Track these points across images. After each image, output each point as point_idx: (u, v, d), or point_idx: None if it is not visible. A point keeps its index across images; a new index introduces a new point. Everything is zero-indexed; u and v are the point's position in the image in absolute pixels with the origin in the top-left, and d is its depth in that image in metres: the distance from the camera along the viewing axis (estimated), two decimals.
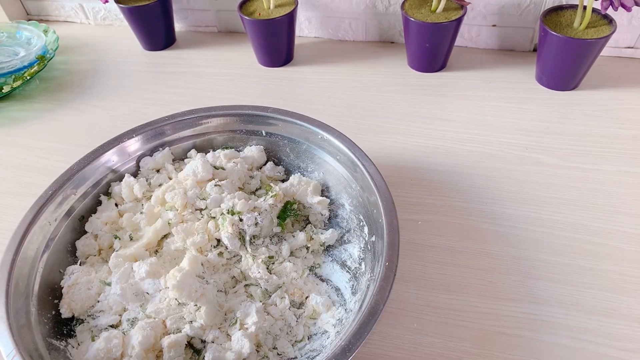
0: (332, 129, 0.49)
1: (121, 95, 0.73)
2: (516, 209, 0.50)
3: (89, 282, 0.44)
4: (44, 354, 0.37)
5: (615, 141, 0.55)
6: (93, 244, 0.47)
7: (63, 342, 0.41)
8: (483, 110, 0.62)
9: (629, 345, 0.39)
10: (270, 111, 0.52)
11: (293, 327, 0.42)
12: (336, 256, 0.47)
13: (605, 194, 0.50)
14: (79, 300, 0.42)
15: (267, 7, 0.70)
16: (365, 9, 0.73)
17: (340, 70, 0.72)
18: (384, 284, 0.36)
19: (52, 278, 0.44)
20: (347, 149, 0.47)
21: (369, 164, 0.45)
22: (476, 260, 0.46)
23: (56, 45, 0.79)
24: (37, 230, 0.44)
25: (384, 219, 0.40)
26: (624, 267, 0.44)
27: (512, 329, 0.41)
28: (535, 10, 0.66)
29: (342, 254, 0.47)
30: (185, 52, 0.81)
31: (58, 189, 0.47)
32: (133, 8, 0.75)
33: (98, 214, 0.49)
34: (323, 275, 0.46)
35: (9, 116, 0.72)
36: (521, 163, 0.54)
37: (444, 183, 0.53)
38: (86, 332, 0.42)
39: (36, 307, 0.41)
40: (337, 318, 0.41)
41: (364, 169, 0.44)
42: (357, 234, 0.47)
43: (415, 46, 0.67)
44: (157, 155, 0.53)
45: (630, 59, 0.66)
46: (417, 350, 0.40)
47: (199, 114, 0.53)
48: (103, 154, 0.50)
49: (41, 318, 0.41)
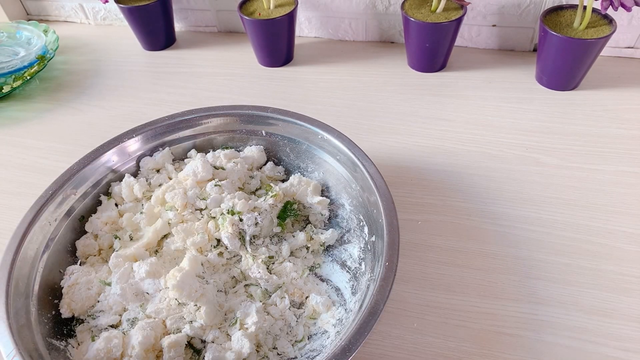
0: (331, 129, 0.49)
1: (121, 95, 0.73)
2: (516, 209, 0.50)
3: (89, 282, 0.44)
4: (44, 354, 0.37)
5: (615, 141, 0.55)
6: (93, 244, 0.47)
7: (63, 342, 0.41)
8: (483, 110, 0.62)
9: (629, 345, 0.39)
10: (270, 111, 0.52)
11: (293, 327, 0.42)
12: (336, 256, 0.47)
13: (605, 194, 0.50)
14: (79, 300, 0.42)
15: (267, 7, 0.70)
16: (365, 9, 0.73)
17: (340, 70, 0.72)
18: (384, 283, 0.36)
19: (52, 278, 0.44)
20: (347, 148, 0.47)
21: (369, 164, 0.45)
22: (476, 260, 0.46)
23: (56, 45, 0.79)
24: (37, 230, 0.44)
25: (384, 219, 0.40)
26: (624, 267, 0.44)
27: (512, 329, 0.41)
28: (535, 10, 0.66)
29: (342, 254, 0.47)
30: (185, 52, 0.81)
31: (58, 189, 0.47)
32: (133, 8, 0.75)
33: (98, 214, 0.49)
34: (323, 275, 0.46)
35: (9, 116, 0.72)
36: (521, 163, 0.54)
37: (444, 183, 0.53)
38: (86, 332, 0.42)
39: (36, 307, 0.41)
40: (337, 318, 0.41)
41: (364, 168, 0.45)
42: (357, 234, 0.46)
43: (415, 46, 0.67)
44: (157, 155, 0.53)
45: (630, 59, 0.66)
46: (417, 350, 0.40)
47: (199, 114, 0.53)
48: (103, 153, 0.50)
49: (41, 318, 0.41)
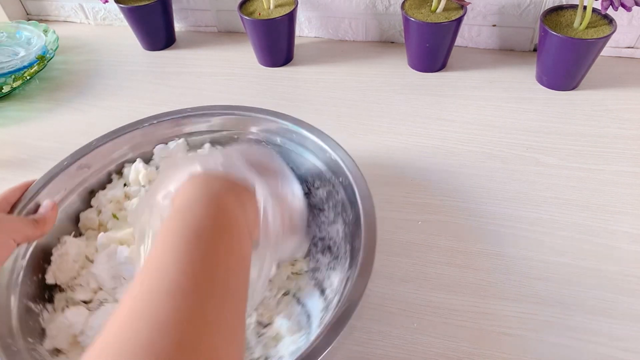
0: (304, 124, 0.47)
1: (121, 95, 0.73)
2: (516, 209, 0.50)
3: (77, 254, 0.44)
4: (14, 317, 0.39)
5: (615, 141, 0.55)
6: (94, 219, 0.48)
7: (40, 305, 0.42)
8: (483, 110, 0.62)
9: (629, 345, 0.39)
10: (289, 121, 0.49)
11: (252, 345, 0.39)
12: (319, 281, 0.43)
13: (605, 194, 0.50)
14: (65, 270, 0.43)
15: (267, 7, 0.69)
16: (365, 9, 0.73)
17: (340, 70, 0.72)
18: (336, 323, 0.33)
19: (48, 243, 0.45)
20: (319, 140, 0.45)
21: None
22: (476, 260, 0.46)
23: (56, 45, 0.79)
24: (44, 194, 0.45)
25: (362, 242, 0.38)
26: (624, 267, 0.44)
27: (512, 329, 0.41)
28: (535, 10, 0.66)
29: (325, 281, 0.43)
30: (185, 52, 0.81)
31: (73, 161, 0.48)
32: (133, 8, 0.75)
33: (106, 190, 0.50)
34: (301, 297, 0.43)
35: (9, 116, 0.72)
36: (521, 163, 0.54)
37: (444, 183, 0.53)
38: (62, 302, 0.43)
39: (24, 268, 0.42)
40: (297, 346, 0.38)
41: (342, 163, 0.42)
42: (342, 264, 0.42)
43: (415, 46, 0.67)
44: (172, 144, 0.52)
45: (630, 59, 0.66)
46: (417, 350, 0.40)
47: (238, 111, 0.51)
48: (126, 133, 0.50)
49: (25, 279, 0.42)
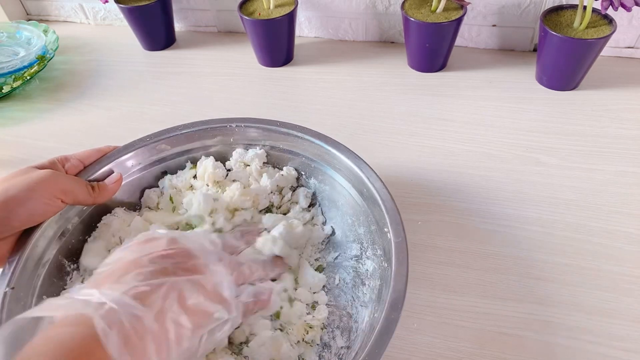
0: (343, 149, 0.45)
1: (121, 95, 0.73)
2: (516, 209, 0.50)
3: (119, 230, 0.45)
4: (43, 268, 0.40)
5: (615, 141, 0.55)
6: (155, 199, 0.49)
7: (74, 265, 0.44)
8: (483, 110, 0.62)
9: (629, 345, 0.39)
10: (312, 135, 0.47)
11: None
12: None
13: (605, 194, 0.50)
14: (103, 240, 0.44)
15: (267, 7, 0.69)
16: (365, 9, 0.73)
17: (340, 70, 0.72)
18: None
19: (106, 209, 0.47)
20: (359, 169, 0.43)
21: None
22: (476, 260, 0.46)
23: (56, 45, 0.79)
24: (115, 165, 0.46)
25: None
26: (624, 267, 0.44)
27: (512, 329, 0.41)
28: (535, 10, 0.66)
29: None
30: (185, 52, 0.81)
31: (157, 139, 0.48)
32: (133, 8, 0.75)
33: (175, 175, 0.50)
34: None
35: (9, 116, 0.72)
36: (521, 163, 0.54)
37: (444, 183, 0.53)
38: (85, 272, 0.44)
39: (74, 226, 0.44)
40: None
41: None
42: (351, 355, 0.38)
43: (415, 46, 0.67)
44: (251, 151, 0.50)
45: (630, 59, 0.66)
46: (417, 350, 0.40)
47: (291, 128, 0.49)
48: (218, 127, 0.50)
49: (71, 238, 0.44)
